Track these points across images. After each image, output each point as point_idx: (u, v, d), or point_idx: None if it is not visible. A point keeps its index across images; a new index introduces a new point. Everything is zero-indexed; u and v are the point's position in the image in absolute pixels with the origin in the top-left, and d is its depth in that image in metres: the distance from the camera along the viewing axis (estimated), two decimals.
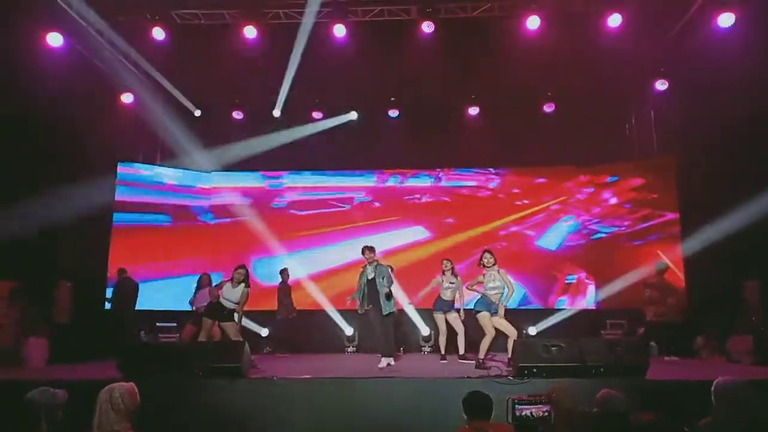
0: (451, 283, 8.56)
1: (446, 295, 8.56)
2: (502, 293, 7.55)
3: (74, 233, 9.41)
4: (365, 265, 7.97)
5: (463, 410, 3.65)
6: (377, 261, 7.96)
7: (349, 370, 7.34)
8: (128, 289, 9.81)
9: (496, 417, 3.52)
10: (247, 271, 7.82)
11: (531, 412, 1.62)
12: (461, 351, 8.35)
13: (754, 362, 8.09)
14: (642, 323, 9.82)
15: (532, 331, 10.53)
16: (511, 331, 7.41)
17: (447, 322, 8.58)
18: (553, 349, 5.94)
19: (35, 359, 8.18)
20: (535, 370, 5.86)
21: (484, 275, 7.66)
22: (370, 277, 7.85)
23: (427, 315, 10.95)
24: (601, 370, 5.80)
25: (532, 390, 5.18)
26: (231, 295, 7.69)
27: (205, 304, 8.32)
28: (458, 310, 8.53)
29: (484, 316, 7.49)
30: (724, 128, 9.12)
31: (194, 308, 9.24)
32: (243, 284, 7.69)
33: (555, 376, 5.69)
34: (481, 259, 7.74)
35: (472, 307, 7.76)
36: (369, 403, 5.67)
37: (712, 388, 3.40)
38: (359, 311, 7.96)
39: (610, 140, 11.49)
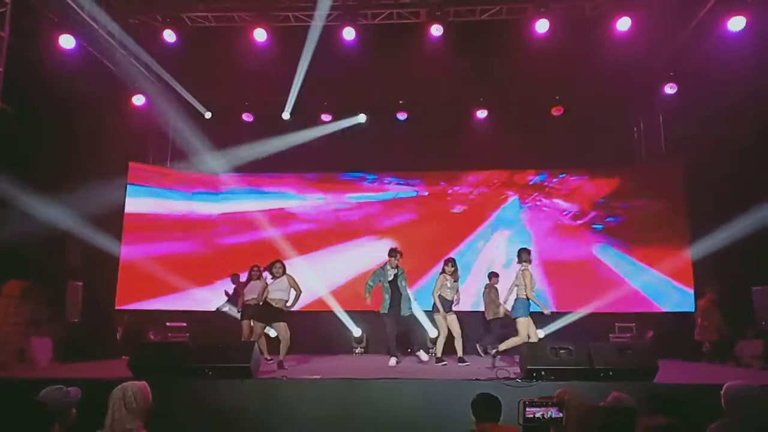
0: (455, 281, 8.38)
1: (447, 295, 8.31)
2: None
3: (86, 233, 9.49)
4: (385, 265, 8.25)
5: (472, 412, 3.67)
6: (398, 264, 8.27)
7: (357, 370, 7.35)
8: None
9: (505, 419, 3.53)
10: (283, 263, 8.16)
11: (542, 414, 1.63)
12: (460, 353, 8.28)
13: (763, 367, 8.05)
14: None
15: (541, 333, 10.48)
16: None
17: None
18: (561, 352, 5.94)
19: (40, 359, 8.28)
20: (543, 372, 5.86)
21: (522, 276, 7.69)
22: (390, 278, 8.13)
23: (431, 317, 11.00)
24: (610, 373, 5.79)
25: (541, 392, 5.17)
26: (280, 286, 7.91)
27: (255, 297, 8.41)
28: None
29: (522, 321, 7.52)
30: (733, 132, 9.09)
31: (244, 300, 8.83)
32: (286, 275, 7.98)
33: (563, 379, 5.68)
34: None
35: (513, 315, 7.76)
36: (377, 404, 5.68)
37: (722, 393, 3.39)
38: (382, 311, 8.17)
39: (618, 144, 11.47)
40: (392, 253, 8.31)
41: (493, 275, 9.98)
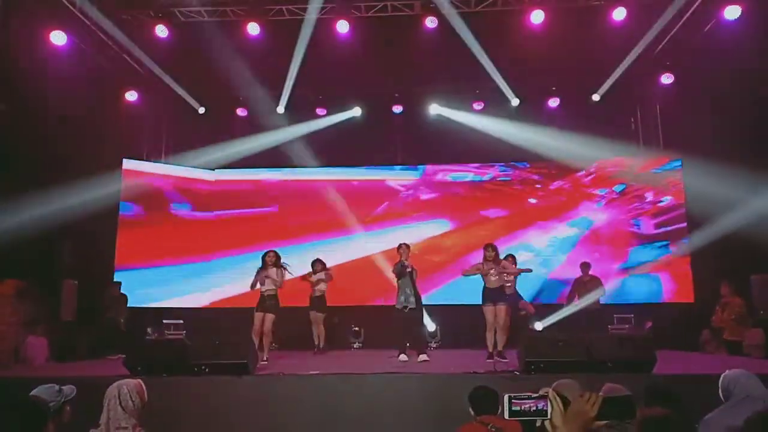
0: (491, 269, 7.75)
1: (491, 283, 7.73)
2: None
3: (80, 231, 9.44)
4: (400, 261, 8.00)
5: (470, 405, 3.66)
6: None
7: (355, 366, 7.34)
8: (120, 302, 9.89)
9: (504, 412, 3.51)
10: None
11: (529, 407, 1.61)
12: (499, 346, 7.73)
13: (764, 356, 8.05)
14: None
15: (539, 326, 10.46)
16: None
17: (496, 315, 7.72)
18: (559, 344, 5.92)
19: (36, 358, 8.24)
20: (542, 365, 5.83)
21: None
22: (408, 271, 7.90)
23: (431, 311, 10.99)
24: (609, 365, 5.77)
25: (539, 385, 5.15)
26: (277, 278, 8.05)
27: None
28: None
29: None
30: (731, 122, 9.07)
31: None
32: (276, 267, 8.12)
33: (562, 371, 5.65)
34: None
35: None
36: (375, 399, 5.66)
37: (720, 382, 3.38)
38: (402, 305, 7.86)
39: (615, 135, 11.44)
40: (401, 247, 8.06)
41: (586, 265, 10.00)
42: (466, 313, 10.56)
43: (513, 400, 1.68)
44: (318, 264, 9.44)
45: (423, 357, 7.62)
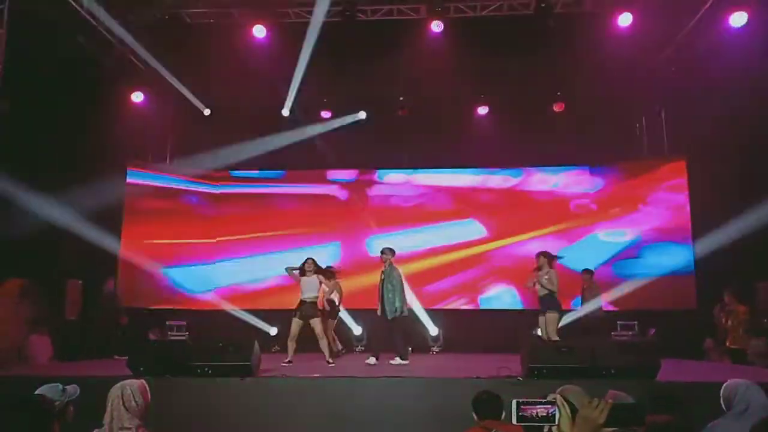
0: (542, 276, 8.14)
1: (538, 291, 8.22)
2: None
3: (85, 231, 9.46)
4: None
5: (474, 410, 3.65)
6: (391, 263, 8.14)
7: (358, 369, 7.33)
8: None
9: (507, 417, 3.51)
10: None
11: (537, 412, 1.61)
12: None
13: (767, 365, 8.01)
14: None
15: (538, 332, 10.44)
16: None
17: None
18: (563, 350, 5.90)
19: (39, 357, 8.26)
20: (545, 371, 5.82)
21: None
22: (381, 278, 8.12)
23: (432, 315, 11.01)
24: (612, 371, 5.75)
25: (542, 391, 5.13)
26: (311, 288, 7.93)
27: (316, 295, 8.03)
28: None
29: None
30: (735, 128, 9.05)
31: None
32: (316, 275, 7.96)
33: (565, 378, 5.65)
34: None
35: None
36: (378, 403, 5.65)
37: (722, 390, 3.37)
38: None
39: (620, 140, 11.43)
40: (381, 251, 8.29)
41: (588, 272, 10.07)
42: (468, 317, 10.61)
43: (521, 406, 1.68)
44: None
45: (371, 360, 7.87)
